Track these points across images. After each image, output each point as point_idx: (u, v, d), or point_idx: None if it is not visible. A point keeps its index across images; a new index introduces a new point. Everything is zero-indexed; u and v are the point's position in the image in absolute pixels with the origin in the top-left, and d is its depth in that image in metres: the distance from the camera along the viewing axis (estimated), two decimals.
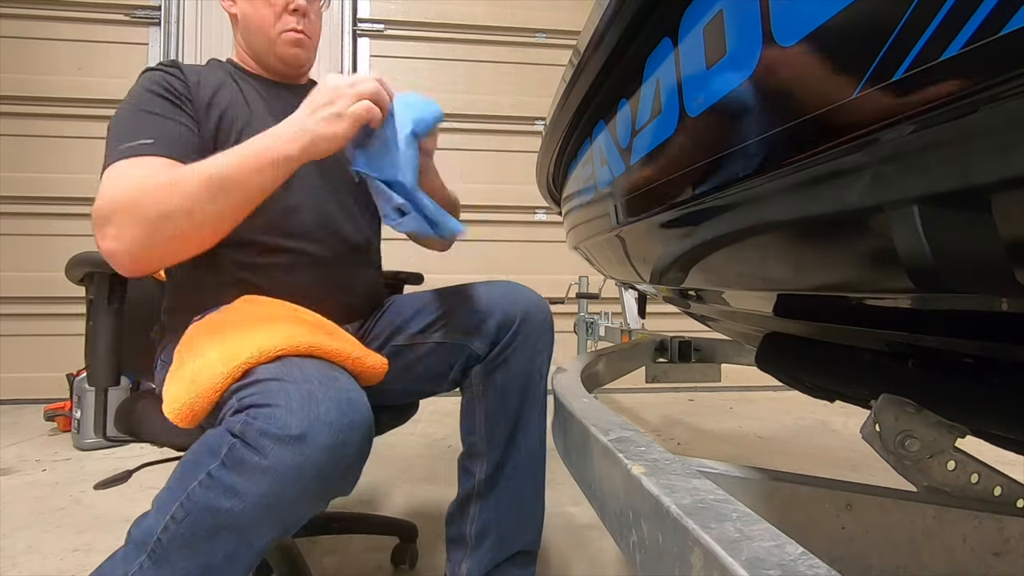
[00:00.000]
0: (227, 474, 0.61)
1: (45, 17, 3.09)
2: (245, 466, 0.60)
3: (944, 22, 0.27)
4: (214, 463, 0.62)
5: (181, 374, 0.72)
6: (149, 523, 0.65)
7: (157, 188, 0.72)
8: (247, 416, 0.62)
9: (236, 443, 0.61)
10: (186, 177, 0.73)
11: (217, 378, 0.67)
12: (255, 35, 1.01)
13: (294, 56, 1.02)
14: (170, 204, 0.71)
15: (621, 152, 0.71)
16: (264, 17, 0.99)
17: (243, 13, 1.01)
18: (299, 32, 1.00)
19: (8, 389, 2.94)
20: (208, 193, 0.72)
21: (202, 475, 0.62)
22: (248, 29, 1.01)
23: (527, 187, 2.02)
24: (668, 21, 0.53)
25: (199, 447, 0.64)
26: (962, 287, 0.38)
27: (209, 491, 0.61)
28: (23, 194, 3.01)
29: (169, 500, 0.64)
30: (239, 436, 0.61)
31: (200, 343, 0.76)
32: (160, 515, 0.64)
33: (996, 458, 0.64)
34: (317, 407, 0.62)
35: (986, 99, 0.26)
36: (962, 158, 0.30)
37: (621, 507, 0.52)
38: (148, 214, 0.71)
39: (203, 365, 0.70)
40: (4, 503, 1.59)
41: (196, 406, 0.68)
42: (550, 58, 3.38)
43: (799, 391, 0.90)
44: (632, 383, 2.01)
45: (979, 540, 0.60)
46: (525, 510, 0.99)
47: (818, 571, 0.31)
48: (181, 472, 0.65)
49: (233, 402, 0.65)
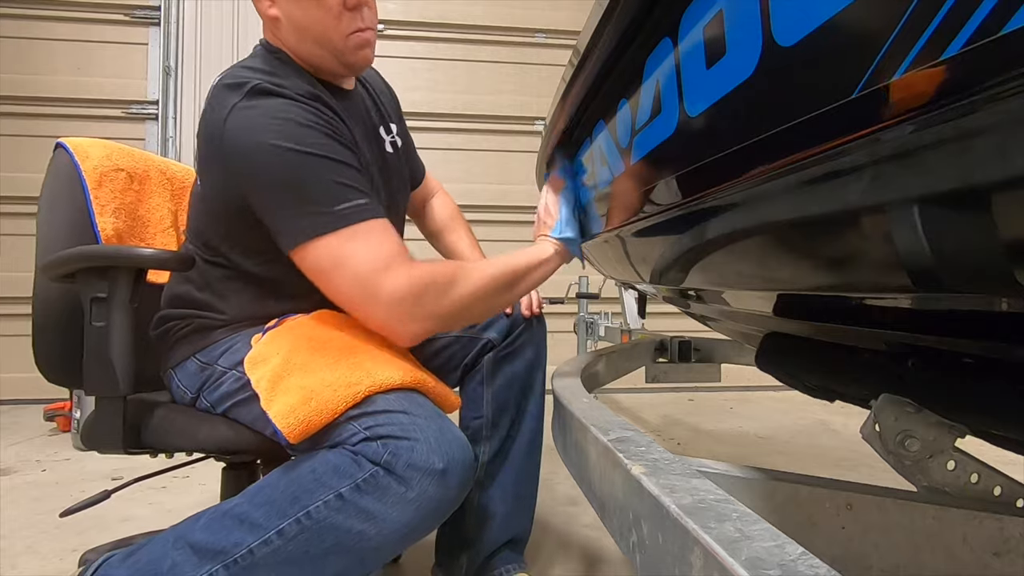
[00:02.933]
0: (364, 498, 0.65)
1: (44, 17, 3.09)
2: (388, 494, 0.65)
3: (944, 22, 0.27)
4: (345, 485, 0.65)
5: (287, 386, 0.72)
6: (231, 535, 0.67)
7: (461, 294, 0.78)
8: (389, 446, 0.65)
9: (379, 471, 0.65)
10: (484, 279, 0.81)
11: (339, 401, 0.69)
12: (313, 44, 0.84)
13: (364, 60, 0.87)
14: (474, 309, 0.82)
15: (621, 152, 0.71)
16: (320, 20, 0.81)
17: (289, 16, 0.82)
18: (365, 30, 0.84)
19: (8, 389, 2.94)
20: (503, 293, 0.85)
21: (329, 496, 0.65)
22: (301, 36, 0.84)
23: (527, 187, 2.02)
24: (668, 21, 0.53)
25: (320, 467, 0.67)
26: (962, 287, 0.38)
27: (339, 513, 0.65)
28: (23, 194, 3.01)
29: (273, 515, 0.67)
30: (383, 465, 0.65)
31: (302, 358, 0.75)
32: (257, 529, 0.67)
33: (996, 458, 0.64)
34: (450, 446, 0.68)
35: (986, 99, 0.26)
36: (962, 158, 0.30)
37: (621, 507, 0.52)
38: (451, 311, 0.78)
39: (320, 384, 0.70)
40: (4, 503, 1.59)
41: (312, 423, 0.69)
42: (550, 58, 3.37)
43: (799, 391, 0.90)
44: (632, 383, 2.01)
45: (979, 540, 0.60)
46: (523, 496, 1.05)
47: (818, 571, 0.31)
48: (289, 488, 0.68)
49: (357, 428, 0.68)
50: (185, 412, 0.88)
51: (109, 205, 1.00)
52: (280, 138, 0.74)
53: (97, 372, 0.82)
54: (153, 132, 3.10)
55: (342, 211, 0.74)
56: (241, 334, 0.85)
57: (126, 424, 0.83)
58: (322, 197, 0.74)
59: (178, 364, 0.89)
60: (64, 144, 0.99)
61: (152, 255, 0.87)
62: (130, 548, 0.76)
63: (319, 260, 0.74)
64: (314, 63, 0.86)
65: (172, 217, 1.12)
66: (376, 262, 0.73)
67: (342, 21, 0.82)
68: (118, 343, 0.81)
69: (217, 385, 0.83)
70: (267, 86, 0.77)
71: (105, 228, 0.98)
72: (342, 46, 0.83)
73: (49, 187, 0.97)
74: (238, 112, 0.76)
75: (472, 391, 1.02)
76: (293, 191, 0.74)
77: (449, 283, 0.77)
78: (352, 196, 0.75)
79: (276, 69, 0.83)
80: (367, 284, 0.73)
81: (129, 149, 1.08)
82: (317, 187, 0.74)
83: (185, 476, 1.77)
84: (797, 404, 2.89)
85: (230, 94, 0.77)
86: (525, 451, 1.03)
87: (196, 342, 0.88)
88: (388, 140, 1.00)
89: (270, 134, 0.74)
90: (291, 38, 0.85)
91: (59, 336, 0.92)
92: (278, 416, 0.70)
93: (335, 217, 0.73)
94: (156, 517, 1.50)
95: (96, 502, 0.90)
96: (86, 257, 0.84)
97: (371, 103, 1.01)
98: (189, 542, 0.70)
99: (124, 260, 0.83)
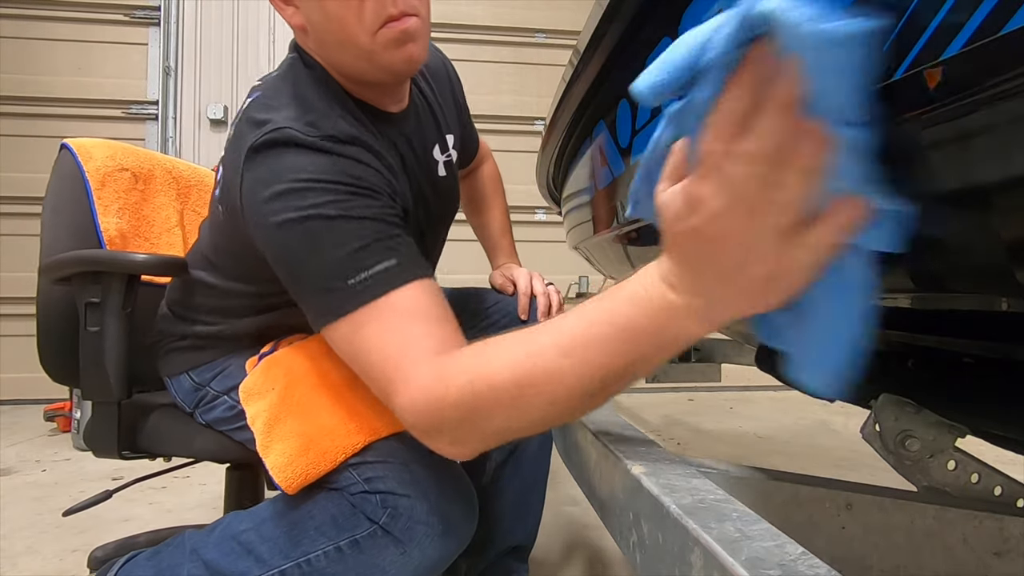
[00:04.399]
0: (362, 555, 0.64)
1: (45, 17, 3.09)
2: (387, 553, 0.64)
3: (944, 22, 0.27)
4: (344, 539, 0.65)
5: (283, 431, 0.68)
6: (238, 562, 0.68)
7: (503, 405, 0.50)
8: (388, 506, 0.64)
9: (377, 530, 0.64)
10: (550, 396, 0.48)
11: (337, 452, 0.66)
12: (340, 50, 0.69)
13: (407, 59, 0.68)
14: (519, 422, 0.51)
15: (621, 152, 0.71)
16: (338, 16, 0.65)
17: (312, 21, 0.68)
18: (400, 18, 0.65)
19: (8, 389, 2.94)
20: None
21: (328, 547, 0.65)
22: (323, 41, 0.70)
23: (527, 187, 2.02)
24: (668, 21, 0.53)
25: (319, 515, 0.67)
26: (962, 287, 0.38)
27: (337, 564, 0.65)
28: (23, 194, 3.01)
29: (276, 554, 0.67)
30: (381, 525, 0.64)
31: (300, 394, 0.71)
32: (262, 564, 0.67)
33: (996, 458, 0.64)
34: (450, 503, 0.66)
35: (986, 99, 0.26)
36: (962, 158, 0.30)
37: (621, 507, 0.52)
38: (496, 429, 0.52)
39: (317, 432, 0.67)
40: (4, 503, 1.59)
41: (311, 474, 0.66)
42: (550, 58, 3.37)
43: (799, 391, 0.90)
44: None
45: (979, 540, 0.60)
46: (530, 503, 1.02)
47: (818, 571, 0.31)
48: (292, 530, 0.68)
49: (355, 478, 0.66)
50: (181, 419, 0.88)
51: (113, 205, 1.00)
52: (288, 209, 0.61)
53: (93, 377, 0.82)
54: (153, 132, 3.10)
55: (357, 285, 0.59)
56: (235, 356, 0.82)
57: (121, 429, 0.83)
58: (335, 269, 0.60)
59: (173, 376, 0.88)
60: (68, 145, 0.99)
61: (143, 260, 0.85)
62: (154, 549, 0.78)
63: (339, 347, 0.62)
64: (350, 74, 0.72)
65: (178, 216, 1.12)
66: (386, 367, 0.57)
67: (365, 10, 0.64)
68: (111, 349, 0.81)
69: (210, 408, 0.82)
70: (289, 133, 0.64)
71: (108, 229, 0.98)
72: (370, 45, 0.65)
73: (53, 188, 0.98)
74: (250, 170, 0.65)
75: None
76: (304, 268, 0.62)
77: (490, 408, 0.50)
78: (371, 262, 0.60)
79: (308, 93, 0.70)
80: (382, 393, 0.59)
81: (134, 148, 1.08)
82: (331, 258, 0.60)
83: (185, 476, 1.77)
84: (797, 404, 2.89)
85: (250, 134, 0.66)
86: (533, 459, 1.00)
87: (190, 358, 0.85)
88: (443, 161, 0.87)
89: (276, 205, 0.62)
90: (319, 46, 0.71)
91: (62, 337, 0.91)
92: (275, 468, 0.68)
93: (349, 295, 0.59)
94: (156, 517, 1.50)
95: (99, 501, 0.91)
96: (79, 261, 0.84)
97: (428, 117, 0.86)
98: (203, 559, 0.71)
99: (115, 265, 0.83)
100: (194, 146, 3.09)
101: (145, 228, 1.06)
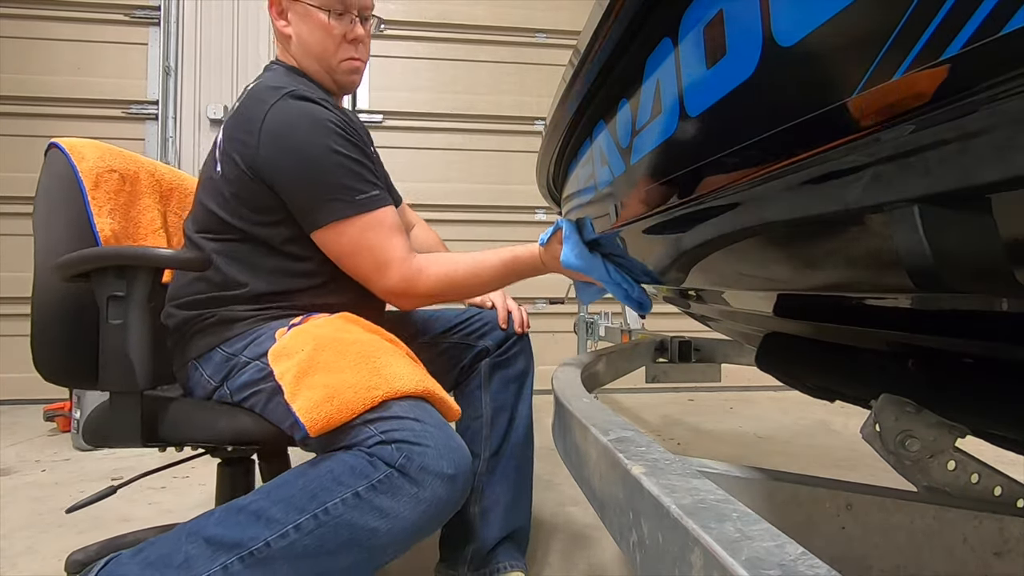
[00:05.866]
0: (379, 497, 0.70)
1: (45, 17, 3.09)
2: (402, 493, 0.70)
3: (944, 22, 0.27)
4: (362, 485, 0.70)
5: (311, 382, 0.77)
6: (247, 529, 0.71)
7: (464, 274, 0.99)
8: (403, 450, 0.72)
9: (394, 472, 0.71)
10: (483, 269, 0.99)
11: (358, 403, 0.74)
12: (313, 60, 1.02)
13: (352, 84, 1.05)
14: (471, 288, 1.02)
15: (621, 152, 0.71)
16: (322, 43, 1.00)
17: (299, 36, 1.01)
18: (358, 60, 1.04)
19: (8, 389, 2.94)
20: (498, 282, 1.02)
21: (347, 494, 0.70)
22: (305, 53, 1.02)
23: (527, 187, 2.02)
24: (668, 21, 0.53)
25: (338, 467, 0.72)
26: (962, 287, 0.38)
27: (355, 510, 0.70)
28: (23, 194, 3.01)
29: (292, 510, 0.71)
30: (397, 468, 0.71)
31: (327, 356, 0.80)
32: (274, 524, 0.70)
33: (996, 458, 0.64)
34: (457, 453, 0.75)
35: (986, 99, 0.26)
36: (962, 158, 0.30)
37: (621, 507, 0.52)
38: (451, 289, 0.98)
39: (341, 384, 0.76)
40: (4, 503, 1.59)
41: (333, 420, 0.74)
42: (550, 58, 3.37)
43: (799, 391, 0.90)
44: (632, 383, 2.01)
45: (979, 540, 0.60)
46: (522, 488, 1.14)
47: (818, 571, 0.31)
48: (308, 486, 0.72)
49: (373, 431, 0.74)
50: (200, 404, 0.90)
51: (105, 206, 1.00)
52: (312, 134, 0.89)
53: (114, 368, 0.83)
54: (153, 132, 3.10)
55: (360, 200, 0.90)
56: (265, 326, 0.90)
57: (144, 418, 0.85)
58: (343, 186, 0.89)
59: (202, 355, 0.92)
60: (59, 144, 0.98)
61: (172, 256, 0.91)
62: (138, 546, 0.77)
63: (340, 243, 0.91)
64: (316, 77, 1.03)
65: (162, 219, 1.12)
66: (378, 258, 0.92)
67: (341, 48, 1.01)
68: (136, 339, 0.84)
69: (241, 373, 0.87)
70: (303, 92, 0.92)
71: (103, 229, 0.98)
72: (336, 67, 1.02)
73: (45, 188, 0.97)
74: (278, 107, 0.90)
75: (470, 394, 1.13)
76: (319, 180, 0.89)
77: (441, 290, 0.98)
78: (368, 188, 0.91)
79: (300, 83, 0.98)
80: (372, 275, 0.94)
81: (119, 150, 1.07)
82: (340, 177, 0.89)
83: (185, 476, 1.77)
84: (797, 404, 2.89)
85: (270, 95, 0.92)
86: (521, 447, 1.13)
87: (221, 333, 0.92)
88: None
89: (303, 129, 0.89)
90: (298, 53, 1.03)
91: (58, 337, 0.92)
92: (302, 410, 0.75)
93: (354, 205, 0.90)
94: (156, 517, 1.50)
95: (102, 497, 0.92)
96: (104, 257, 0.85)
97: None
98: (203, 536, 0.72)
99: (145, 260, 0.85)
100: (194, 146, 3.09)
101: (133, 229, 1.06)
